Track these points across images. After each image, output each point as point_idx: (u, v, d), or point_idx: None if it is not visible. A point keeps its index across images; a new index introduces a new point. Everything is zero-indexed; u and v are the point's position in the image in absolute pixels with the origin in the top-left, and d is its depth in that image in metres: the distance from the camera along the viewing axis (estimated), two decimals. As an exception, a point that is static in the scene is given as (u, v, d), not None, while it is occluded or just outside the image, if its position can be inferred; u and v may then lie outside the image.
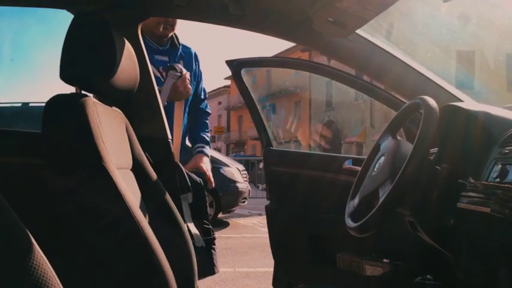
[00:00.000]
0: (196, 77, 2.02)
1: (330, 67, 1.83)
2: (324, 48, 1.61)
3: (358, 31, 1.47)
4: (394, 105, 1.68)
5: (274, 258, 1.86)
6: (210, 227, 1.71)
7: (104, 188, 0.88)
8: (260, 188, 10.71)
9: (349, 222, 1.21)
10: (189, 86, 1.81)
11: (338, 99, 23.31)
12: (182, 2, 1.34)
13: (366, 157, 1.88)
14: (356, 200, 1.26)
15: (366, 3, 1.12)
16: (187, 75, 1.80)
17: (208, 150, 2.06)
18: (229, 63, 1.81)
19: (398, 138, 1.27)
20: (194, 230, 1.57)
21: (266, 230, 1.89)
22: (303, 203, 1.81)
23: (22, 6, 1.40)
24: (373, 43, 1.54)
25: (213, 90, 33.57)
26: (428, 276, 0.96)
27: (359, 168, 1.77)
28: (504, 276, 0.79)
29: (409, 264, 1.42)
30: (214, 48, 77.46)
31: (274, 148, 1.88)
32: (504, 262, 0.80)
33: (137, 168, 1.18)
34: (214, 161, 4.33)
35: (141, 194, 1.14)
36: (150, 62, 1.53)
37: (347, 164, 1.79)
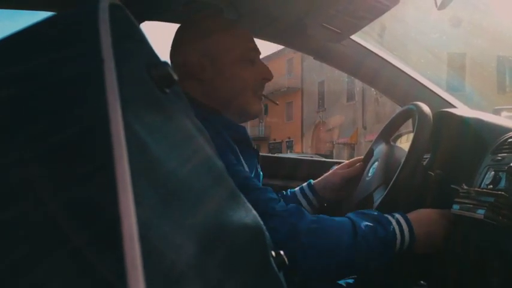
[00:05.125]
0: None
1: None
2: (317, 53, 1.62)
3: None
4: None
5: None
6: None
7: None
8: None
9: None
10: None
11: (330, 100, 23.42)
12: (177, 5, 1.34)
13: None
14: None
15: (361, 9, 1.12)
16: None
17: None
18: None
19: (392, 143, 1.28)
20: None
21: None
22: None
23: (15, 9, 1.39)
24: (365, 47, 1.55)
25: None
26: (422, 282, 0.97)
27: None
28: (497, 283, 0.80)
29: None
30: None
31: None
32: (497, 269, 0.81)
33: None
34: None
35: None
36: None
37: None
